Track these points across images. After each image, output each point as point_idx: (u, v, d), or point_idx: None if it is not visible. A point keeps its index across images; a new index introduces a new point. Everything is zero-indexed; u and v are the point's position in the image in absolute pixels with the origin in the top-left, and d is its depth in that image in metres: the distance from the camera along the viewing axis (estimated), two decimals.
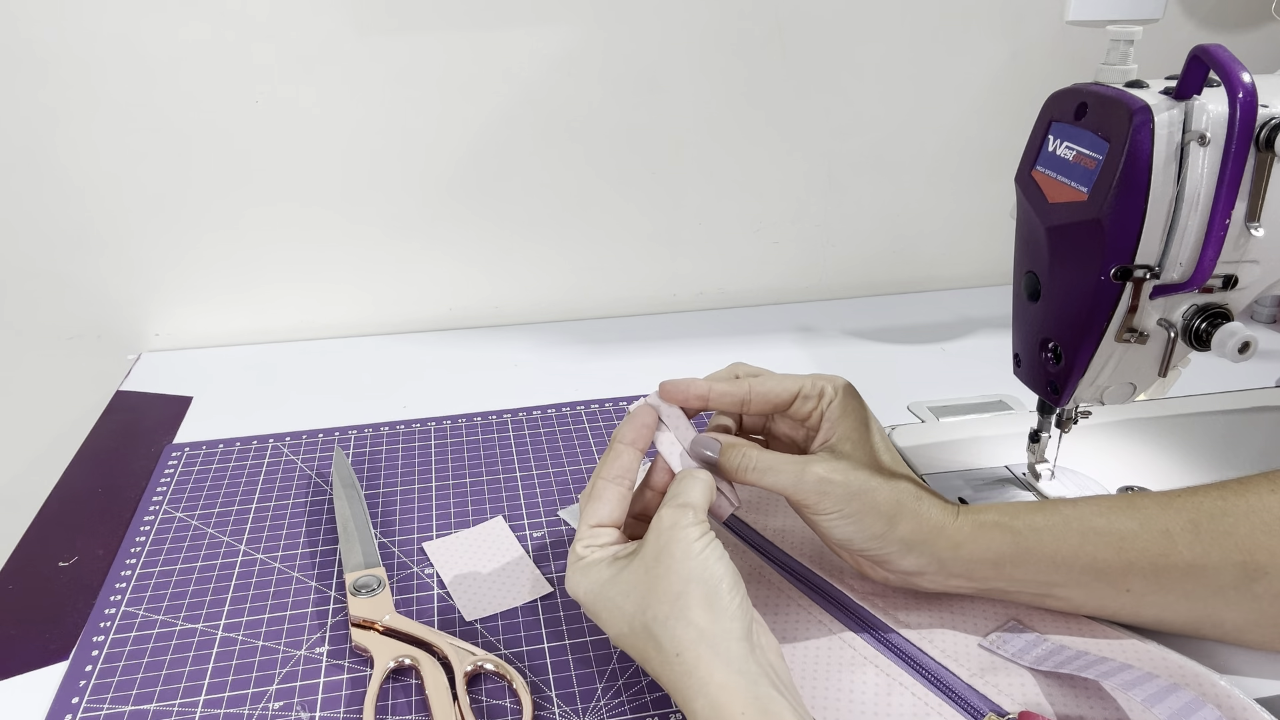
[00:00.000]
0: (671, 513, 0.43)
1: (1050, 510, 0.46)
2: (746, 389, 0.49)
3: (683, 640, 0.39)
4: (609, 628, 0.43)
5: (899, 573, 0.46)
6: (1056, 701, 0.43)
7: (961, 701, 0.43)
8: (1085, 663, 0.44)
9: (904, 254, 0.98)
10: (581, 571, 0.44)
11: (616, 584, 0.42)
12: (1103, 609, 0.47)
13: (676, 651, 0.39)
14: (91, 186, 0.81)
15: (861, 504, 0.44)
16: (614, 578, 0.42)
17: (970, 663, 0.46)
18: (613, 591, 0.42)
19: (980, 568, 0.45)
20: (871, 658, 0.46)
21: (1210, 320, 0.46)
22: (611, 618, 0.42)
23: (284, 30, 0.77)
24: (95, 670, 0.49)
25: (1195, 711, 0.40)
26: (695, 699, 0.38)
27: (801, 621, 0.49)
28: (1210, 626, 0.46)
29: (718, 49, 0.84)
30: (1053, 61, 0.89)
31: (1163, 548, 0.44)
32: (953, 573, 0.46)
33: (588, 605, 0.44)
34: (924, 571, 0.46)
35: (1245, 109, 0.40)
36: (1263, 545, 0.43)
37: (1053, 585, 0.46)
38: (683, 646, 0.39)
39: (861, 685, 0.45)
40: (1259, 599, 0.44)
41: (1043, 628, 0.47)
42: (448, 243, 0.89)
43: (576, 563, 0.45)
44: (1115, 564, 0.44)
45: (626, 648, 0.43)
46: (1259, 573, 0.43)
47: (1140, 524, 0.45)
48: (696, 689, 0.38)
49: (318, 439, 0.70)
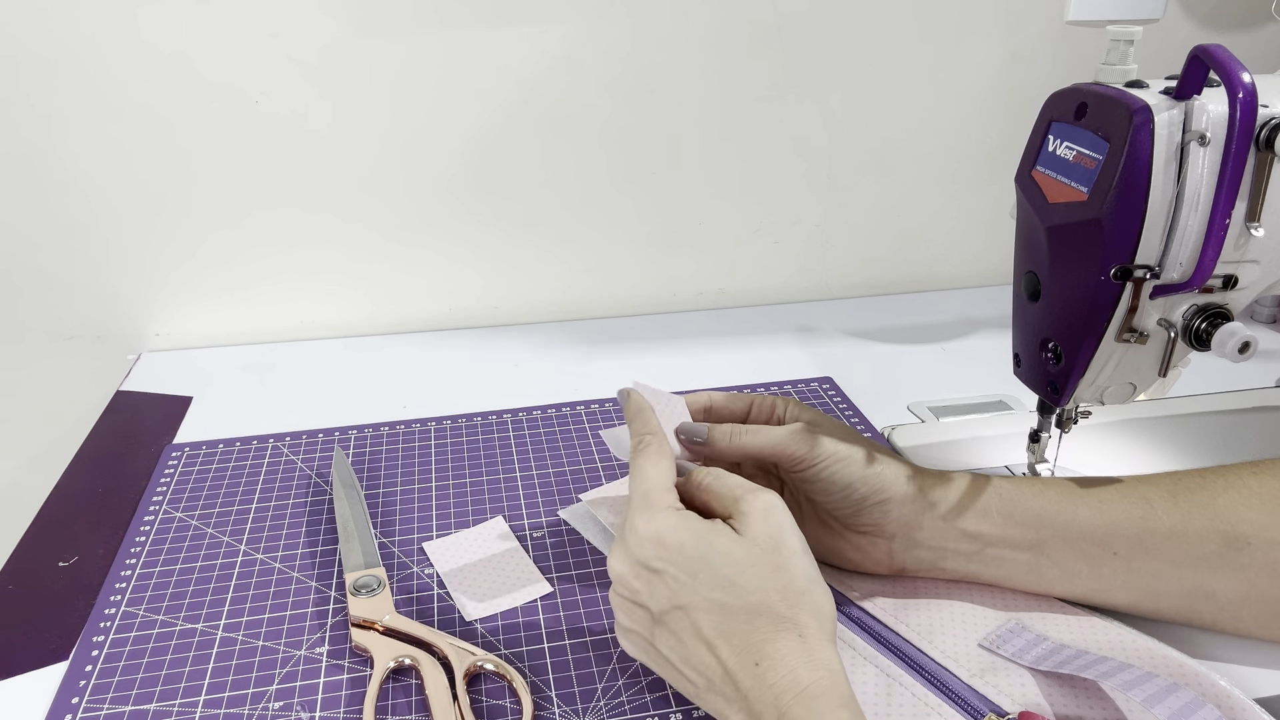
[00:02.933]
0: (775, 503, 0.42)
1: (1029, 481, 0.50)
2: (706, 399, 0.52)
3: (808, 626, 0.40)
4: (702, 584, 0.40)
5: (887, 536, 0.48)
6: (1056, 702, 0.43)
7: (961, 702, 0.43)
8: (1085, 662, 0.44)
9: (904, 254, 0.98)
10: (687, 520, 0.41)
11: (720, 549, 0.41)
12: (1096, 577, 0.47)
13: (800, 633, 0.39)
14: (91, 186, 0.81)
15: (849, 443, 0.48)
16: (717, 542, 0.41)
17: (970, 663, 0.46)
18: (715, 554, 0.40)
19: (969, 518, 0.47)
20: (871, 658, 0.46)
21: (1210, 320, 0.46)
22: (714, 580, 0.40)
23: (284, 31, 0.77)
24: (95, 670, 0.49)
25: (1195, 711, 0.40)
26: (817, 670, 0.38)
27: None
28: (1203, 599, 0.46)
29: (718, 49, 0.84)
30: (1053, 61, 0.89)
31: (1142, 511, 0.46)
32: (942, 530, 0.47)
33: (688, 555, 0.41)
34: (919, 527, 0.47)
35: (1245, 109, 0.40)
36: (1244, 517, 0.45)
37: (1041, 545, 0.47)
38: (807, 631, 0.39)
39: (862, 685, 0.45)
40: (1246, 569, 0.45)
41: (1043, 628, 0.47)
42: (448, 243, 0.89)
43: (675, 510, 0.42)
44: (1098, 523, 0.46)
45: (712, 613, 0.40)
46: (1242, 542, 0.45)
47: (1119, 490, 0.48)
48: (819, 663, 0.38)
49: (318, 439, 0.70)
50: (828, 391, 0.75)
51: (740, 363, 0.82)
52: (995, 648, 0.46)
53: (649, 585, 0.41)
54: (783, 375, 0.78)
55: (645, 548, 0.41)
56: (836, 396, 0.75)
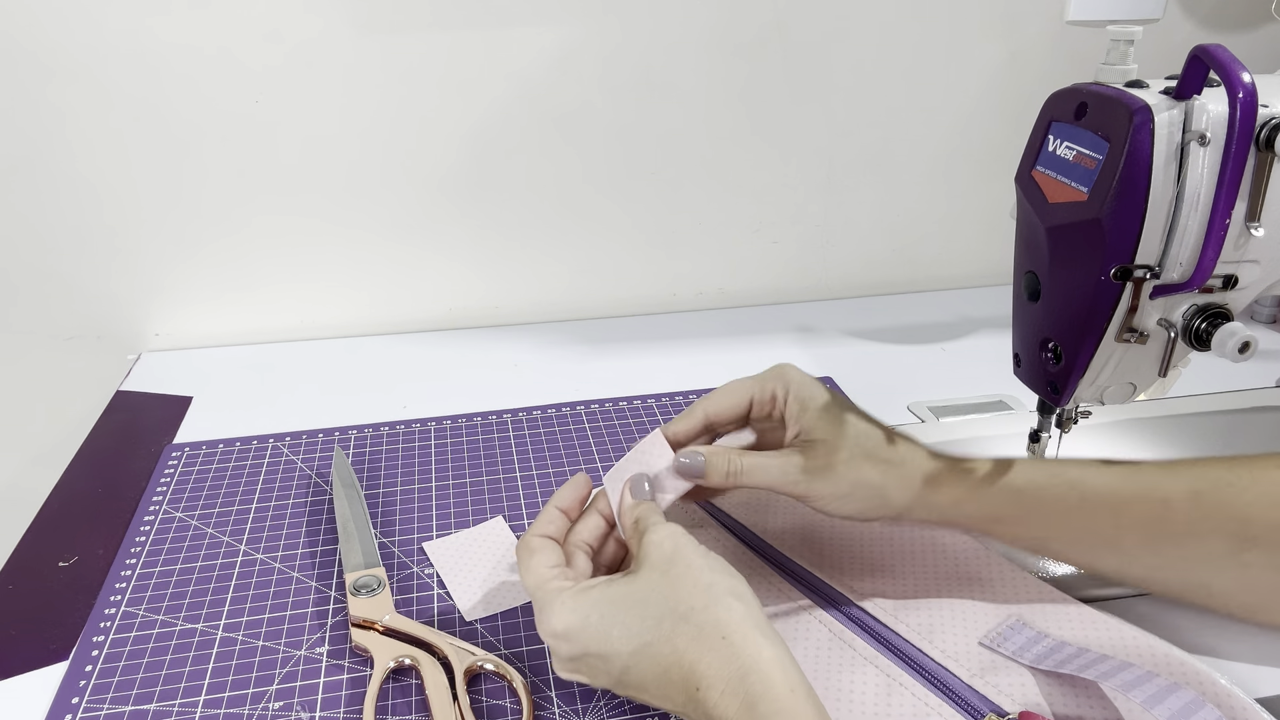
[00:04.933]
0: (666, 528, 0.43)
1: (1052, 470, 0.47)
2: (702, 414, 0.50)
3: (728, 623, 0.39)
4: (619, 645, 0.40)
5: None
6: (1056, 702, 0.43)
7: (962, 702, 0.43)
8: (1085, 661, 0.44)
9: (904, 254, 0.98)
10: (575, 597, 0.41)
11: (622, 600, 0.41)
12: (1093, 563, 0.48)
13: (723, 635, 0.39)
14: (92, 187, 0.81)
15: (851, 482, 0.46)
16: (616, 595, 0.41)
17: (970, 662, 0.46)
18: (621, 608, 0.41)
19: (979, 523, 0.48)
20: (871, 658, 0.46)
21: (1210, 320, 0.46)
22: (626, 631, 0.40)
23: (285, 31, 0.77)
24: (95, 670, 0.49)
25: (1195, 712, 0.40)
26: (748, 676, 0.38)
27: (802, 622, 0.49)
28: (1197, 588, 0.46)
29: (717, 49, 0.84)
30: (1052, 61, 0.89)
31: (1160, 514, 0.45)
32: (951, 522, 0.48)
33: (591, 627, 0.41)
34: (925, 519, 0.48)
35: (1245, 109, 0.40)
36: (1260, 517, 0.44)
37: (1048, 540, 0.47)
38: (729, 629, 0.39)
39: (862, 685, 0.45)
40: (1248, 567, 0.44)
41: (1044, 624, 0.47)
42: (448, 243, 0.89)
43: (561, 593, 0.42)
44: (1111, 527, 0.46)
45: (642, 662, 0.40)
46: (1250, 543, 0.44)
47: (1141, 490, 0.46)
48: (749, 665, 0.38)
49: (318, 439, 0.70)
50: None
51: (740, 363, 0.82)
52: (996, 646, 0.46)
53: (588, 671, 0.42)
54: None
55: (559, 645, 0.42)
56: None
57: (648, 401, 0.74)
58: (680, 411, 0.69)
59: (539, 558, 0.44)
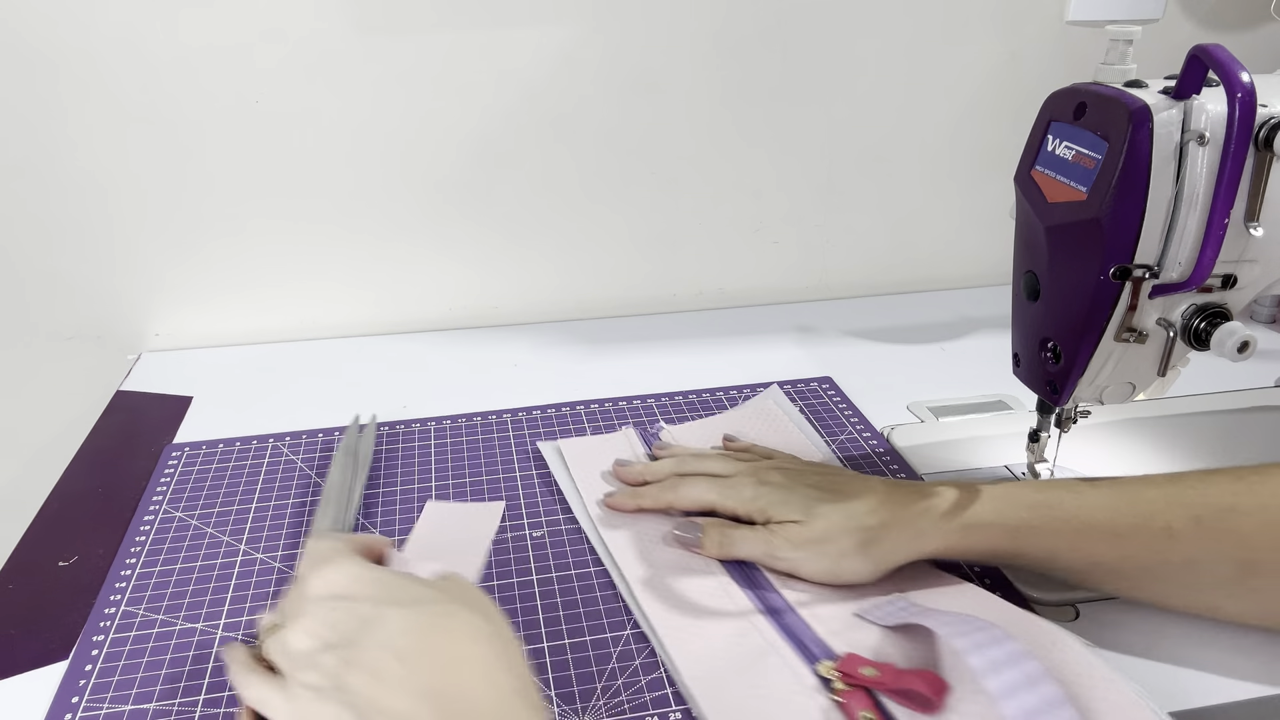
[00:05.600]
0: None
1: (1048, 503, 0.46)
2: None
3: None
4: None
5: None
6: (890, 653, 0.45)
7: (800, 644, 0.46)
8: (933, 618, 0.44)
9: (904, 254, 0.98)
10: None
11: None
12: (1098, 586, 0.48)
13: None
14: (92, 186, 0.81)
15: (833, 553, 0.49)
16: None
17: (835, 624, 0.48)
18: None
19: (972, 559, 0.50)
20: (745, 611, 0.49)
21: (1209, 320, 0.46)
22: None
23: (285, 31, 0.77)
24: (95, 670, 0.49)
25: (1017, 663, 0.39)
26: None
27: (697, 561, 0.53)
28: (1206, 609, 0.47)
29: (717, 49, 0.84)
30: (1052, 61, 0.89)
31: (1162, 543, 0.44)
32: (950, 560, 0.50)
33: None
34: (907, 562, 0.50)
35: (1244, 109, 0.41)
36: (1265, 543, 0.42)
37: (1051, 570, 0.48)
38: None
39: (725, 630, 0.48)
40: (1256, 592, 0.44)
41: (928, 602, 0.48)
42: (448, 243, 0.89)
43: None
44: (1111, 558, 0.45)
45: None
46: (1257, 568, 0.43)
47: (1142, 520, 0.44)
48: None
49: (318, 439, 0.70)
50: (827, 391, 0.75)
51: (740, 363, 0.82)
52: (865, 614, 0.48)
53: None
54: (783, 375, 0.78)
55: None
56: (836, 396, 0.75)
57: (648, 401, 0.74)
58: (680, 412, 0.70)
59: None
